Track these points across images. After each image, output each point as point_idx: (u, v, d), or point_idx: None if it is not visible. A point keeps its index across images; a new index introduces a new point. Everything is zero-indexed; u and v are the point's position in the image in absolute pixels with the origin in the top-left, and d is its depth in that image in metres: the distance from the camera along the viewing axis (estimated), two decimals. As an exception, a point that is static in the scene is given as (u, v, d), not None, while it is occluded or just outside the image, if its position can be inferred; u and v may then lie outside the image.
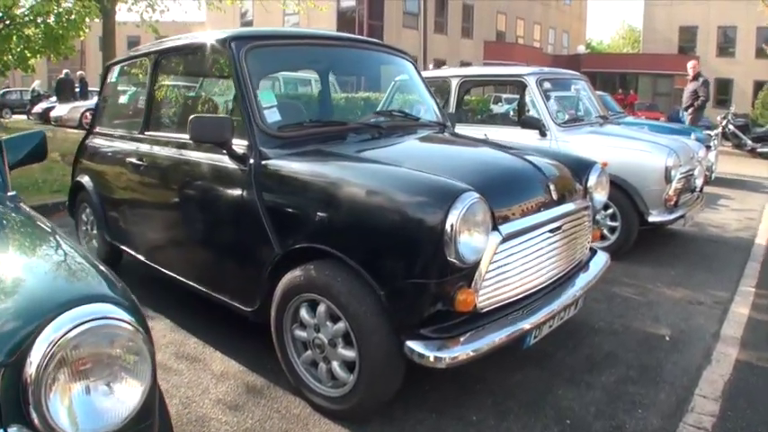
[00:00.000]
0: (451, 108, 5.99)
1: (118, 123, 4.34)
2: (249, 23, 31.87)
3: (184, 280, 3.35)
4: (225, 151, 2.90)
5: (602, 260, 3.28)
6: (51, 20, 12.89)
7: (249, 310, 2.83)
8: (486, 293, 2.32)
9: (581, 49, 33.71)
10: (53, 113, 18.20)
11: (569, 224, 2.81)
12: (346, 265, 2.33)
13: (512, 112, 5.59)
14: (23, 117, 21.47)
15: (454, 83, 5.98)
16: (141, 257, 3.79)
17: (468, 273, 2.22)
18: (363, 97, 5.23)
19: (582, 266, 3.10)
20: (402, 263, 2.21)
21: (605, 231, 4.96)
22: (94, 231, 4.36)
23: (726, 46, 33.44)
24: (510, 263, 2.39)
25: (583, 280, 2.96)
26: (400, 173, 2.45)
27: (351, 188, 2.39)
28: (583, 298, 2.99)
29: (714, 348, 3.25)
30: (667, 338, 3.40)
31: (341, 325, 2.37)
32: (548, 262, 2.63)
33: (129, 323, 1.25)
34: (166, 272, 3.50)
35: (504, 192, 2.49)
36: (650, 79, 32.91)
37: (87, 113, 15.78)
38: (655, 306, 3.92)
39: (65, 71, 20.54)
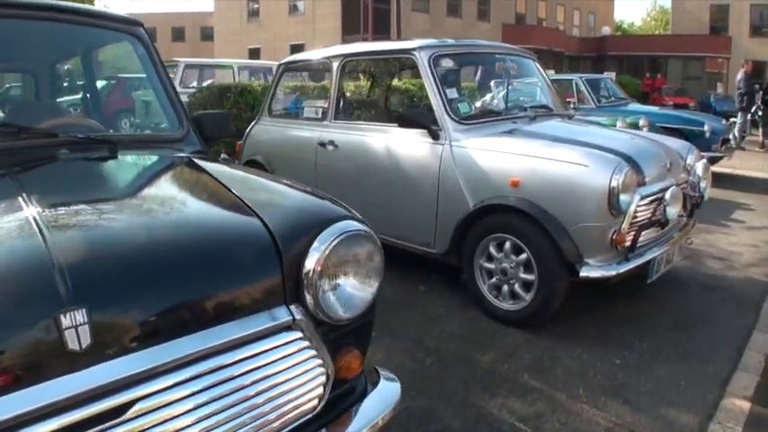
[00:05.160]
0: (332, 97, 4.26)
1: None
2: (256, 11, 30.56)
3: None
4: None
5: (382, 403, 1.63)
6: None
7: None
8: None
9: (606, 30, 31.05)
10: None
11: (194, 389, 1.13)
12: None
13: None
14: None
15: (335, 65, 4.23)
16: None
17: None
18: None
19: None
20: None
21: (517, 288, 3.17)
22: None
23: (760, 25, 30.64)
24: None
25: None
26: None
27: None
28: None
29: None
30: None
31: None
32: None
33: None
34: None
35: None
36: (680, 62, 30.34)
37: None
38: (549, 457, 2.16)
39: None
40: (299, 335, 1.38)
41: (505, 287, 3.21)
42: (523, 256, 3.09)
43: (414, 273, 3.96)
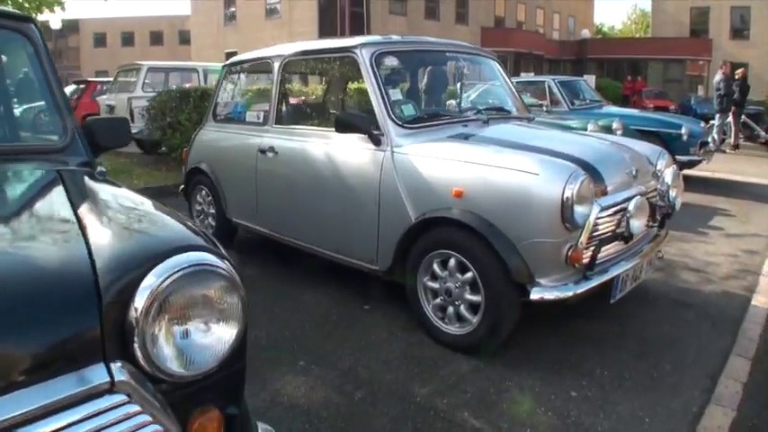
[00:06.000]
0: (273, 100, 3.91)
1: None
2: (233, 14, 30.12)
3: None
4: None
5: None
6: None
7: None
8: None
9: (585, 33, 31.00)
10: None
11: None
12: None
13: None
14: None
15: (276, 65, 3.89)
16: None
17: None
18: None
19: None
20: None
21: (463, 310, 2.83)
22: None
23: (740, 28, 30.81)
24: None
25: None
26: None
27: None
28: None
29: None
30: None
31: None
32: None
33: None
34: None
35: None
36: (660, 65, 30.49)
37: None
38: None
39: None
40: (124, 398, 1.06)
41: (451, 309, 2.87)
42: (469, 274, 2.75)
43: (361, 289, 3.61)
